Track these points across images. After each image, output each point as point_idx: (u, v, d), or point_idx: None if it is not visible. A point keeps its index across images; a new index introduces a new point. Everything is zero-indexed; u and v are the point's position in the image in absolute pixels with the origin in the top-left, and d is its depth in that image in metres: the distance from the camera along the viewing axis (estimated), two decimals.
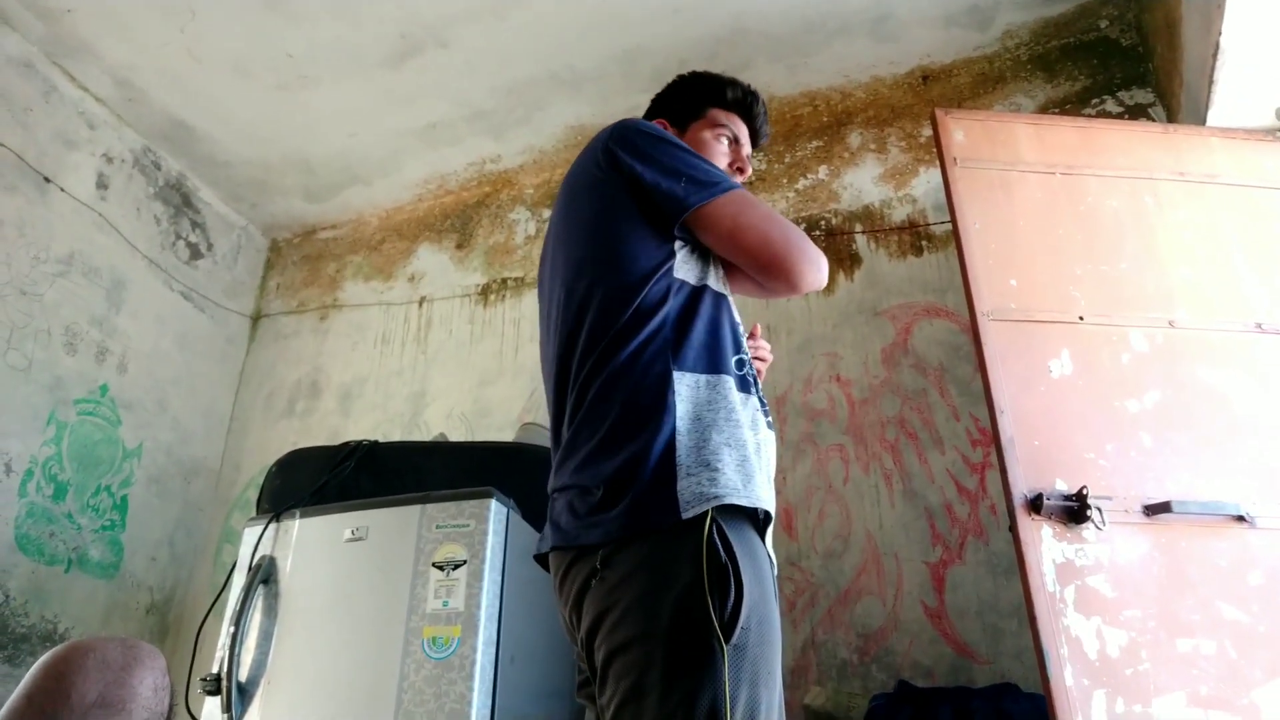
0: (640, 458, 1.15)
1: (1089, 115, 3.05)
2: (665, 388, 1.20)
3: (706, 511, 1.11)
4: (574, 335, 1.31)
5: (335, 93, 3.51)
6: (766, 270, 1.32)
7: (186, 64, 3.38)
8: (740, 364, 1.30)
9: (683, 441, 1.16)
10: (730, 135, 1.61)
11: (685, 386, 1.21)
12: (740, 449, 1.19)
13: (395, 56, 3.34)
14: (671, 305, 1.26)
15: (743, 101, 1.64)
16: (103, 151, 3.56)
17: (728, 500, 1.12)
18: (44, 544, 3.09)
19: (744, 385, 1.28)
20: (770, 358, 1.64)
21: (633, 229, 1.32)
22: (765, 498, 1.19)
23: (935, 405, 2.82)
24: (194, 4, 3.12)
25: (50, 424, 3.18)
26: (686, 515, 1.10)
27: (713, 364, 1.25)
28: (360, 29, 3.22)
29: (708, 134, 1.59)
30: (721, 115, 1.62)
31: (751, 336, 1.58)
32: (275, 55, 3.33)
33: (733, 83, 1.64)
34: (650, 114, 1.68)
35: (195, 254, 3.94)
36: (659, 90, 1.72)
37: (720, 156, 1.59)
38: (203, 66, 3.39)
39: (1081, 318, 2.11)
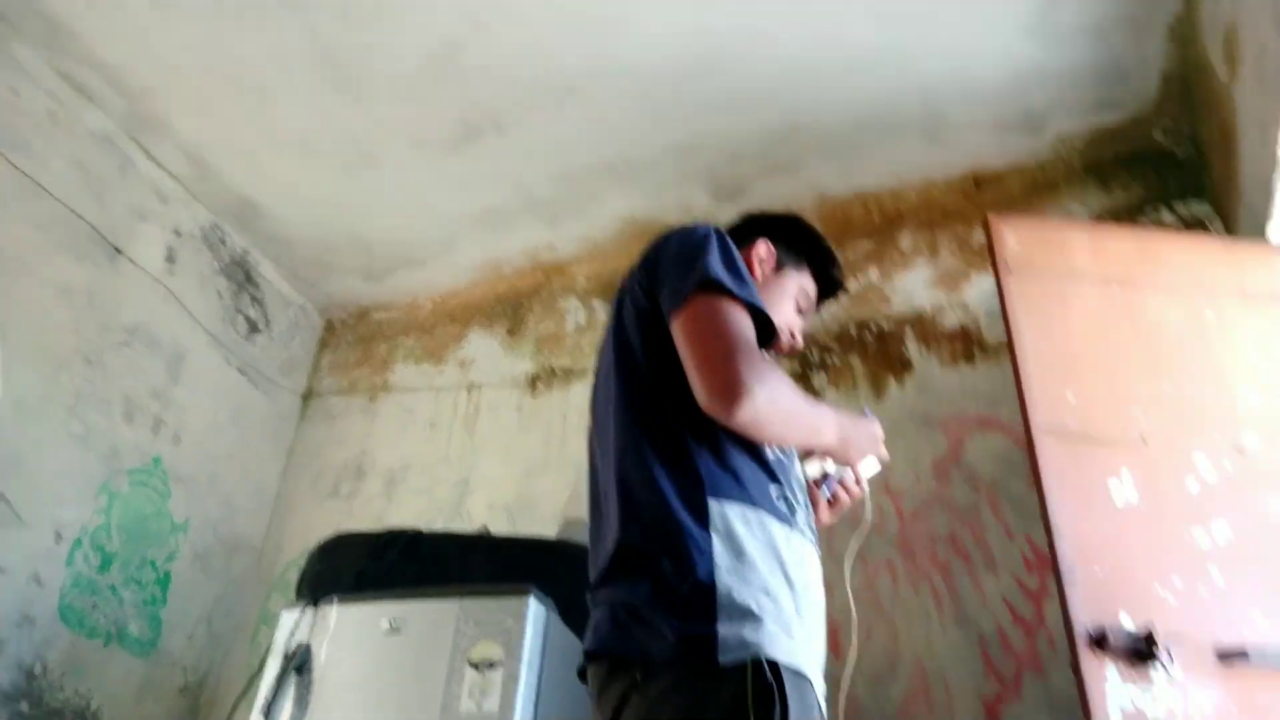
0: (678, 587, 1.13)
1: (1144, 225, 3.02)
2: (703, 515, 1.18)
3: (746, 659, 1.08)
4: (616, 441, 1.31)
5: (396, 174, 3.61)
6: (694, 385, 1.23)
7: (257, 143, 3.51)
8: (782, 496, 1.28)
9: (722, 580, 1.13)
10: (805, 306, 1.64)
11: (722, 518, 1.18)
12: (782, 595, 1.17)
13: (455, 141, 3.43)
14: (706, 427, 1.24)
15: (835, 286, 1.70)
16: (173, 226, 3.68)
17: (768, 653, 1.08)
18: (86, 616, 3.10)
19: (785, 518, 1.25)
20: (858, 491, 1.52)
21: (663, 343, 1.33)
22: (805, 655, 1.15)
23: (988, 523, 2.71)
24: (268, 86, 3.25)
25: (102, 493, 3.22)
26: (725, 660, 1.07)
27: (750, 495, 1.23)
28: (423, 113, 3.31)
29: (793, 288, 1.62)
30: (809, 281, 1.65)
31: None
32: (341, 136, 3.44)
33: (837, 265, 1.69)
34: (749, 228, 1.68)
35: (253, 329, 4.03)
36: (712, 182, 1.77)
37: (786, 311, 1.60)
38: (272, 146, 3.51)
39: (1144, 438, 2.04)
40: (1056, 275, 2.35)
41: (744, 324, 1.25)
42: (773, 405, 1.19)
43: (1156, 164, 3.18)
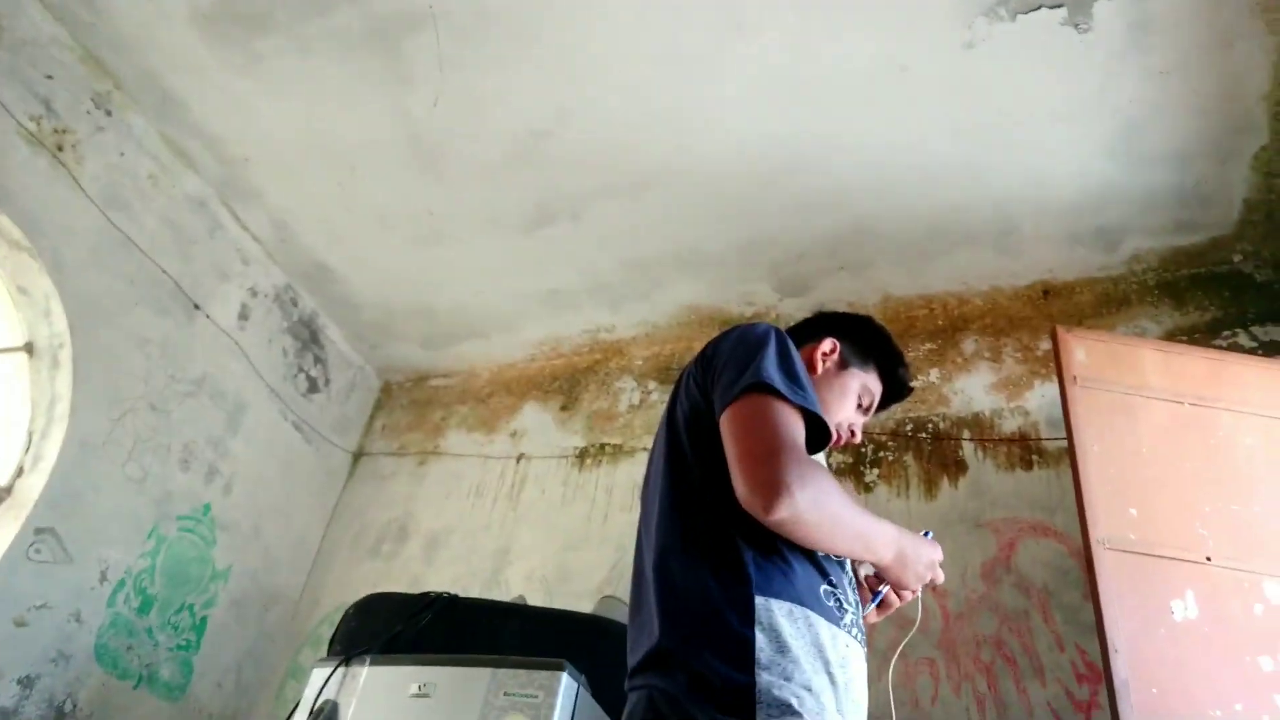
0: (718, 679, 1.10)
1: (1219, 347, 2.95)
2: (748, 611, 1.15)
3: None
4: (663, 531, 1.30)
5: (466, 250, 3.72)
6: (735, 481, 1.20)
7: (338, 213, 3.66)
8: (831, 594, 1.25)
9: (763, 675, 1.10)
10: (868, 404, 1.62)
11: (767, 614, 1.16)
12: (825, 693, 1.13)
13: (529, 224, 3.54)
14: (755, 524, 1.21)
15: (901, 388, 1.68)
16: (250, 285, 3.83)
17: None
18: (120, 657, 3.12)
19: (833, 616, 1.22)
20: (909, 598, 1.46)
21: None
22: None
23: (1038, 630, 2.63)
24: (355, 162, 3.40)
25: (150, 537, 3.28)
26: None
27: (797, 593, 1.20)
28: (500, 195, 3.43)
29: (856, 386, 1.61)
30: (874, 380, 1.64)
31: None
32: (418, 211, 3.57)
33: (906, 367, 1.67)
34: (817, 325, 1.69)
35: (313, 388, 4.13)
36: (785, 284, 1.77)
37: (846, 408, 1.59)
38: (352, 216, 3.66)
39: (1209, 559, 1.97)
40: (1124, 389, 2.32)
41: (792, 425, 1.22)
42: (815, 509, 1.15)
43: (1235, 286, 3.13)
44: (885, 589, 1.45)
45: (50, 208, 3.05)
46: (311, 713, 2.18)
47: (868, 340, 1.65)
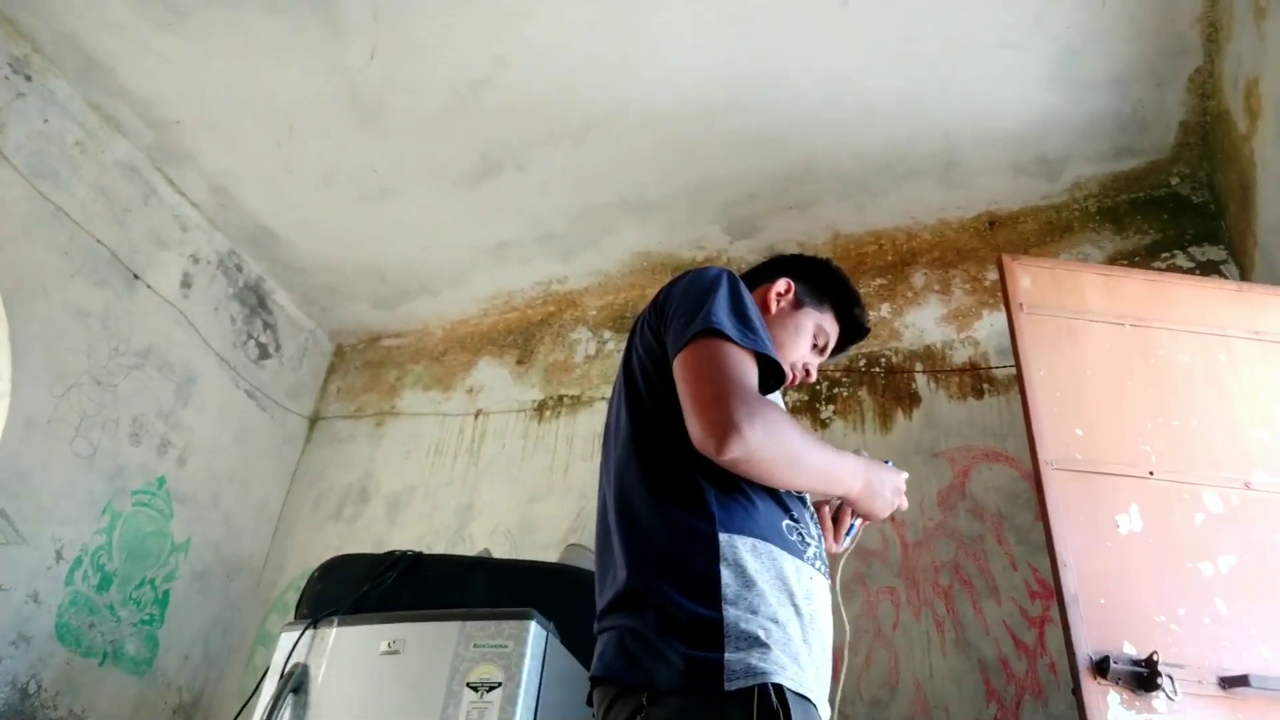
0: (687, 616, 1.13)
1: (1159, 269, 3.02)
2: (712, 548, 1.17)
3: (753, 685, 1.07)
4: (626, 475, 1.31)
5: (412, 206, 3.66)
6: (688, 425, 1.21)
7: (279, 174, 3.57)
8: (794, 529, 1.27)
9: (730, 609, 1.13)
10: (822, 344, 1.63)
11: (731, 550, 1.18)
12: (790, 624, 1.16)
13: (474, 176, 3.49)
14: (715, 464, 1.22)
15: (857, 328, 1.68)
16: (191, 252, 3.74)
17: (775, 679, 1.07)
18: (83, 635, 3.09)
19: (796, 550, 1.25)
20: (884, 514, 1.45)
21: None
22: (812, 681, 1.14)
23: (992, 553, 2.72)
24: (293, 120, 3.32)
25: (105, 513, 3.23)
26: (732, 686, 1.06)
27: (760, 528, 1.22)
28: (443, 148, 3.37)
29: (810, 326, 1.61)
30: (830, 321, 1.64)
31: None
32: (361, 168, 3.50)
33: (861, 307, 1.68)
34: (773, 267, 1.69)
35: (264, 354, 4.06)
36: (726, 218, 1.76)
37: (800, 347, 1.59)
38: (293, 177, 3.58)
39: (1152, 473, 2.03)
40: (1068, 314, 2.35)
41: (743, 367, 1.23)
42: (768, 447, 1.17)
43: (1172, 209, 3.19)
44: (858, 523, 1.47)
45: None
46: (282, 676, 2.18)
47: (823, 281, 1.66)
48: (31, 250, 3.09)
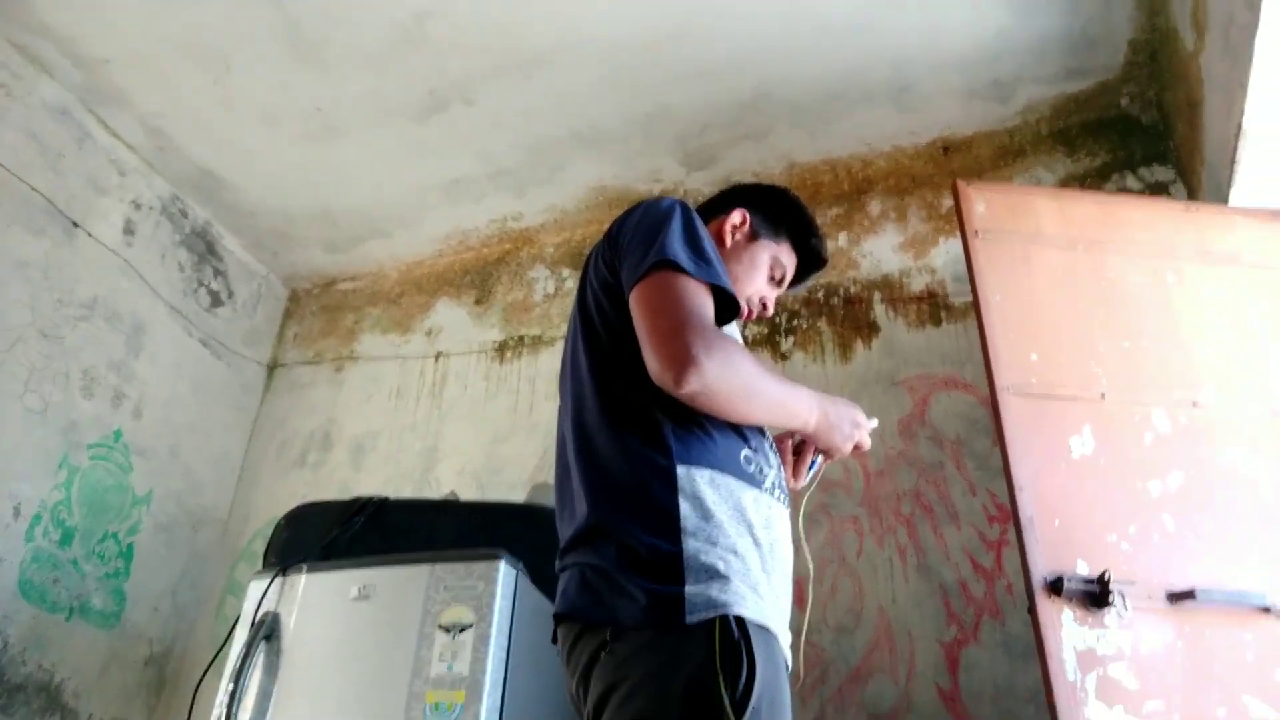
0: (647, 550, 1.14)
1: (1110, 191, 3.05)
2: (670, 481, 1.19)
3: (714, 617, 1.09)
4: (583, 410, 1.31)
5: (360, 145, 3.56)
6: (645, 358, 1.22)
7: (218, 114, 3.44)
8: (751, 459, 1.28)
9: (689, 542, 1.14)
10: (780, 275, 1.61)
11: (689, 482, 1.19)
12: (749, 555, 1.18)
13: (422, 112, 3.39)
14: (672, 397, 1.22)
15: (815, 258, 1.66)
16: (131, 198, 3.62)
17: (735, 611, 1.10)
18: (47, 590, 3.07)
19: (753, 480, 1.26)
20: (844, 448, 1.44)
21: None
22: (772, 611, 1.17)
23: (952, 479, 2.78)
24: (229, 57, 3.19)
25: (62, 468, 3.18)
26: (693, 619, 1.08)
27: (717, 459, 1.23)
28: (389, 84, 3.27)
29: (766, 258, 1.59)
30: (787, 254, 1.62)
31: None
32: (304, 107, 3.39)
33: (819, 237, 1.65)
34: (728, 198, 1.66)
35: (216, 302, 3.98)
36: (685, 152, 1.73)
37: (757, 280, 1.58)
38: (233, 117, 3.45)
39: (1103, 395, 2.08)
40: (1022, 239, 2.38)
41: (698, 300, 1.23)
42: (724, 380, 1.18)
43: (1122, 130, 3.21)
44: (820, 459, 1.48)
45: None
46: (253, 625, 2.19)
47: (779, 211, 1.64)
48: None
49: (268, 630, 2.18)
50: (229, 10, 3.00)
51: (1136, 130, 3.18)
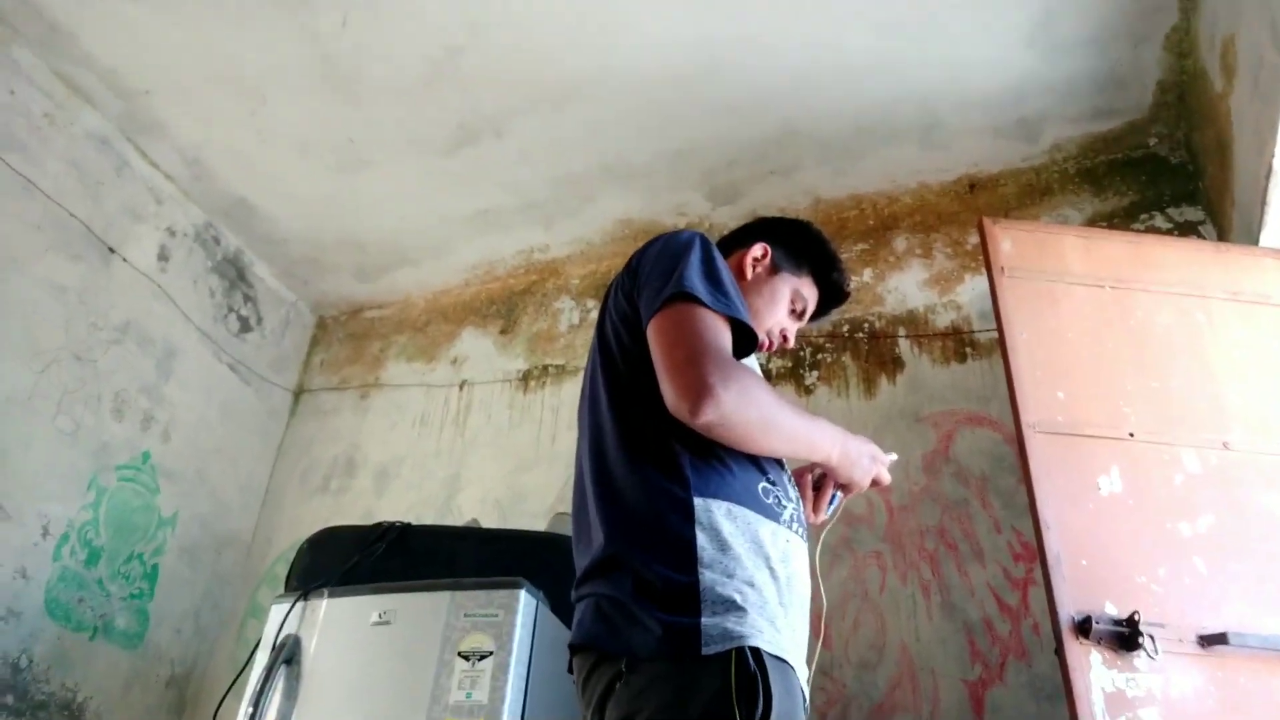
0: (662, 581, 1.14)
1: (1138, 230, 3.04)
2: (688, 512, 1.18)
3: (730, 649, 1.08)
4: (601, 441, 1.32)
5: (391, 176, 3.62)
6: (663, 390, 1.22)
7: (253, 145, 3.51)
8: (770, 492, 1.28)
9: (706, 574, 1.14)
10: (801, 309, 1.62)
11: (707, 514, 1.19)
12: (767, 587, 1.17)
13: (452, 144, 3.44)
14: (690, 428, 1.22)
15: (837, 292, 1.66)
16: (167, 225, 3.69)
17: (751, 643, 1.09)
18: (72, 610, 3.09)
19: (772, 513, 1.26)
20: (863, 482, 1.44)
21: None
22: (790, 644, 1.16)
23: (976, 516, 2.75)
24: (265, 89, 3.26)
25: (91, 489, 3.21)
26: (709, 651, 1.08)
27: (735, 492, 1.23)
28: (420, 116, 3.33)
29: (787, 292, 1.60)
30: (809, 287, 1.62)
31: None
32: (337, 138, 3.45)
33: (841, 271, 1.65)
34: (750, 231, 1.67)
35: (245, 327, 4.03)
36: (711, 186, 1.74)
37: (777, 313, 1.58)
38: (268, 147, 3.52)
39: (1132, 434, 2.06)
40: (1049, 277, 2.37)
41: (715, 331, 1.23)
42: (741, 411, 1.18)
43: (1151, 170, 3.20)
44: (840, 495, 1.48)
45: None
46: (274, 648, 2.20)
47: (801, 244, 1.64)
48: (3, 225, 3.04)
49: (288, 654, 2.19)
50: (265, 44, 3.07)
51: (1165, 170, 3.18)
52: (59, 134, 3.28)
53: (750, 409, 1.19)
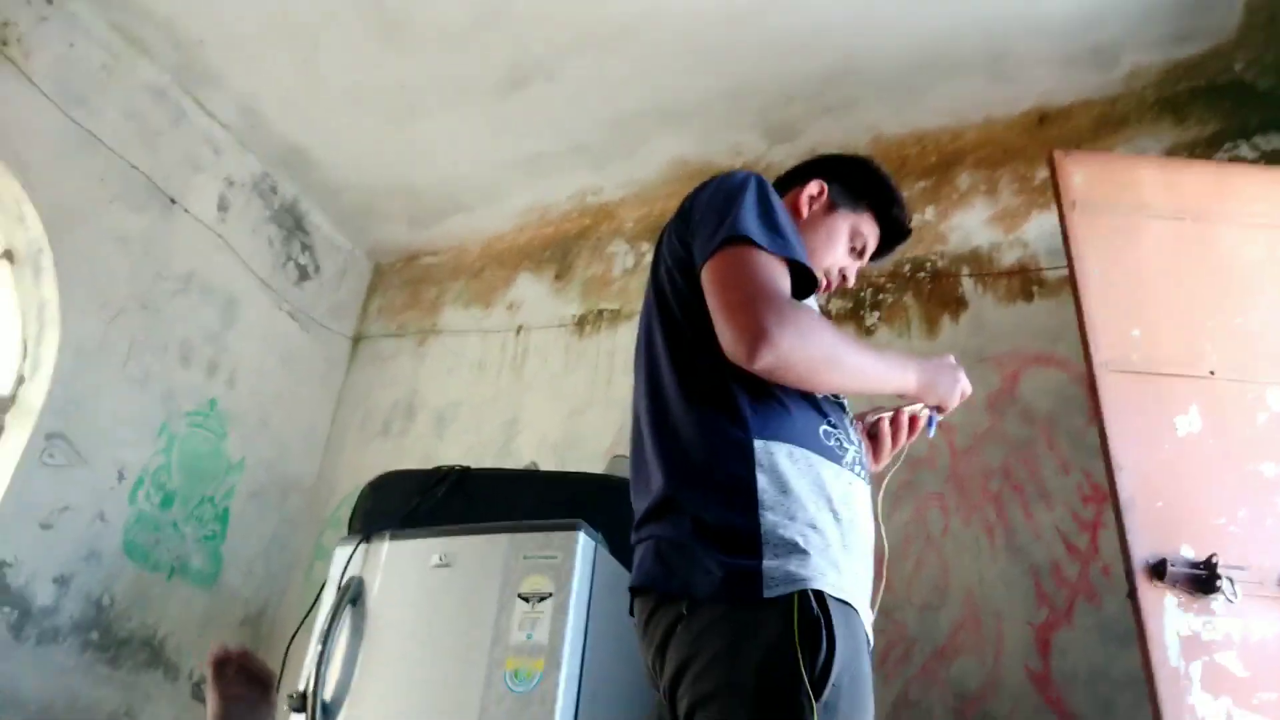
0: (722, 524, 1.13)
1: (1221, 160, 2.89)
2: (747, 455, 1.16)
3: (793, 592, 1.07)
4: (659, 385, 1.30)
5: (443, 122, 3.60)
6: (719, 334, 1.20)
7: (306, 93, 3.52)
8: (828, 434, 1.25)
9: (767, 516, 1.12)
10: (861, 247, 1.56)
11: (767, 456, 1.16)
12: (829, 530, 1.15)
13: (503, 88, 3.41)
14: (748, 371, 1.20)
15: (898, 228, 1.60)
16: (225, 175, 3.73)
17: (814, 586, 1.07)
18: (149, 551, 3.21)
19: (833, 455, 1.23)
20: (953, 395, 1.41)
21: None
22: (852, 587, 1.14)
23: (1043, 457, 2.68)
24: (317, 37, 3.25)
25: (162, 434, 3.31)
26: (770, 594, 1.06)
27: (796, 434, 1.20)
28: (470, 61, 3.29)
29: (845, 229, 1.54)
30: (868, 224, 1.56)
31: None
32: (388, 85, 3.44)
33: (902, 206, 1.59)
34: (806, 169, 1.62)
35: (303, 276, 4.08)
36: (764, 126, 1.68)
37: (835, 252, 1.53)
38: (320, 96, 3.52)
39: (1212, 372, 1.98)
40: (1125, 210, 2.27)
41: (771, 273, 1.20)
42: (800, 350, 1.15)
43: (1236, 97, 3.02)
44: (933, 414, 1.43)
45: (4, 107, 2.93)
46: (339, 589, 2.24)
47: (859, 180, 1.58)
48: (68, 178, 3.09)
49: (353, 595, 2.23)
50: None
51: (1252, 96, 3.00)
52: (117, 86, 3.31)
53: (811, 348, 1.16)
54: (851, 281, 1.59)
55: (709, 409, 1.21)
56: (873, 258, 1.62)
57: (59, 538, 2.92)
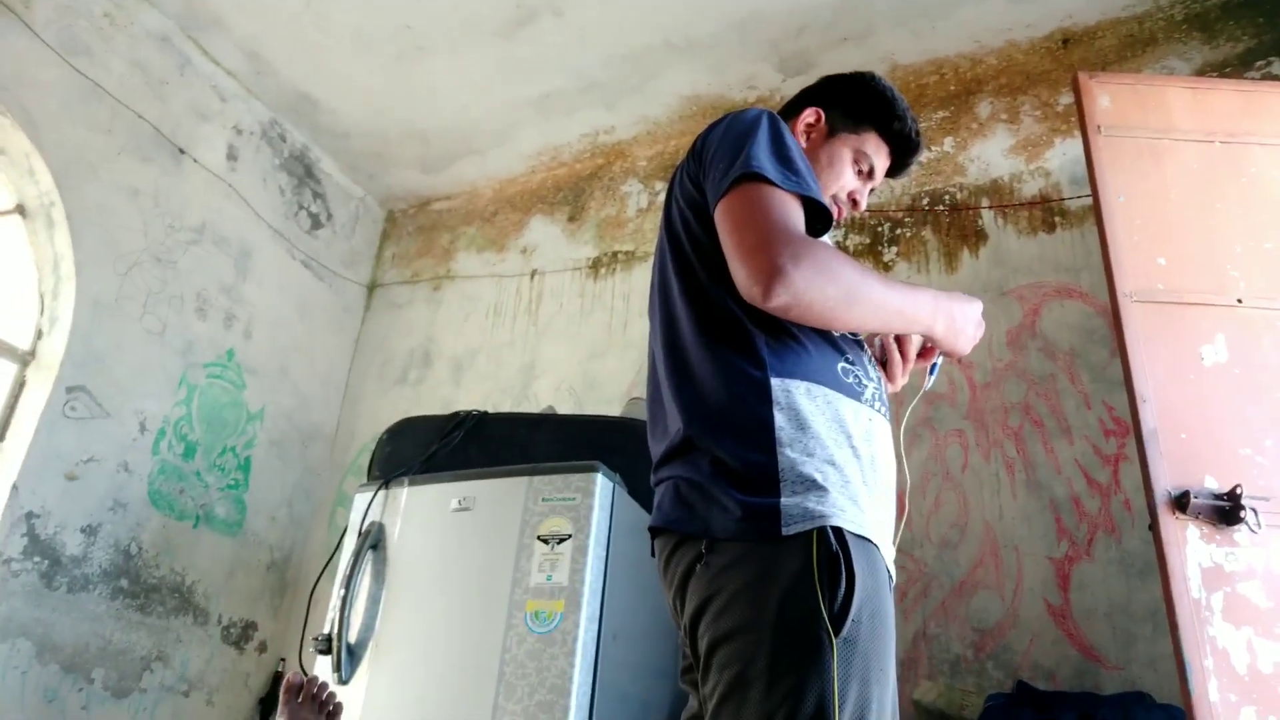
0: (740, 462, 1.11)
1: (1253, 79, 2.79)
2: (764, 393, 1.15)
3: (811, 529, 1.06)
4: (674, 326, 1.28)
5: (451, 63, 3.53)
6: (733, 274, 1.17)
7: (311, 37, 3.46)
8: (846, 371, 1.23)
9: (785, 453, 1.11)
10: (868, 168, 1.49)
11: (785, 394, 1.15)
12: (849, 466, 1.13)
13: (510, 26, 3.33)
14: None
15: (904, 141, 1.50)
16: (233, 124, 3.69)
17: (834, 522, 1.06)
18: (174, 500, 3.25)
19: (852, 391, 1.21)
20: (966, 349, 1.35)
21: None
22: (873, 523, 1.12)
23: (1064, 391, 2.65)
24: None
25: (181, 386, 3.33)
26: (789, 531, 1.05)
27: (813, 371, 1.18)
28: None
29: (848, 153, 1.47)
30: (873, 144, 1.49)
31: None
32: (394, 26, 3.37)
33: (905, 116, 1.49)
34: (802, 97, 1.55)
35: (316, 224, 4.06)
36: (779, 58, 1.61)
37: (841, 179, 1.47)
38: (326, 39, 3.46)
39: (1240, 300, 1.92)
40: (1151, 133, 2.19)
41: (786, 210, 1.17)
42: (817, 288, 1.11)
43: (1269, 11, 2.90)
44: (940, 360, 1.39)
45: (8, 59, 2.90)
46: (360, 535, 2.27)
47: (857, 100, 1.50)
48: (75, 130, 3.07)
49: (374, 540, 2.26)
50: None
51: None
52: (120, 34, 3.27)
53: (828, 285, 1.13)
54: (864, 205, 1.53)
55: (725, 349, 1.20)
56: (889, 174, 1.56)
57: (85, 489, 2.97)
